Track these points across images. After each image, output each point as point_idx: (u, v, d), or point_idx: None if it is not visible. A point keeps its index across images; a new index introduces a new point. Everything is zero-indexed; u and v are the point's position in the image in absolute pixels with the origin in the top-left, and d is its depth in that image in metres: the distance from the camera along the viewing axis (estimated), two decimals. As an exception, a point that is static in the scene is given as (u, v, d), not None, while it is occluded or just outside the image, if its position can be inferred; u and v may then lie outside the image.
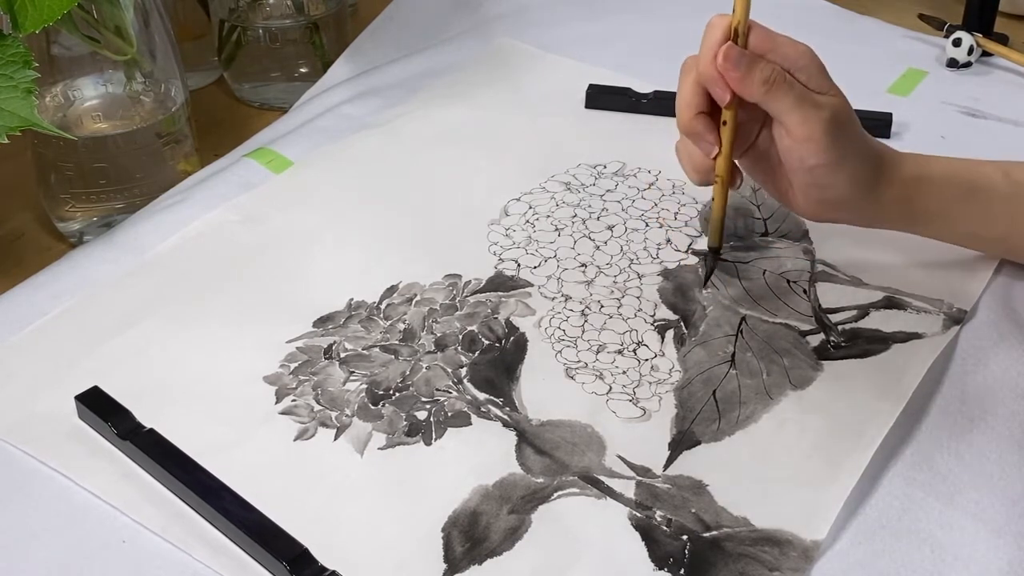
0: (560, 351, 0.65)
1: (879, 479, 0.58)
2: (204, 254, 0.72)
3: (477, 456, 0.59)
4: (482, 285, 0.69)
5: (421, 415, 0.61)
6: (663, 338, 0.66)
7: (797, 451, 0.59)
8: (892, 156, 0.64)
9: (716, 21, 0.60)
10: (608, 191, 0.78)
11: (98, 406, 0.60)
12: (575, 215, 0.76)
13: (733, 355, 0.65)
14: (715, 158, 0.62)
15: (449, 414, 0.61)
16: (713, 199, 0.64)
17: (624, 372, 0.64)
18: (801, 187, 0.63)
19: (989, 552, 0.54)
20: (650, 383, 0.63)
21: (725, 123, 0.61)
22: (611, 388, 0.63)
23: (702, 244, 0.73)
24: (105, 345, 0.65)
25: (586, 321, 0.67)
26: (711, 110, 0.61)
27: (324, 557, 0.53)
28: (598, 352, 0.65)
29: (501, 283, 0.70)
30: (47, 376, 0.63)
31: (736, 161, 0.64)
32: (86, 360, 0.64)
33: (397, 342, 0.65)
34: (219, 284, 0.70)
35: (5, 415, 0.61)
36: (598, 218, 0.75)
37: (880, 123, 0.83)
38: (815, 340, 0.66)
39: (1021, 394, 0.62)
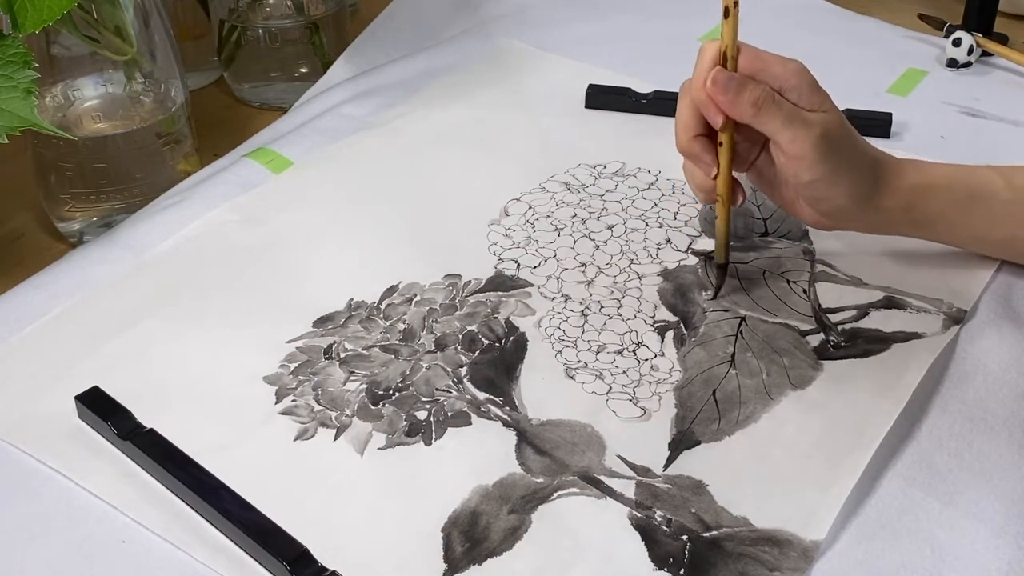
0: (560, 351, 0.65)
1: (879, 479, 0.58)
2: (204, 254, 0.72)
3: (477, 456, 0.58)
4: (482, 285, 0.69)
5: (421, 415, 0.61)
6: (663, 338, 0.66)
7: (797, 451, 0.59)
8: (892, 165, 0.65)
9: (707, 46, 0.61)
10: (608, 191, 0.78)
11: (98, 406, 0.60)
12: (575, 215, 0.76)
13: (733, 355, 0.65)
14: (715, 178, 0.63)
15: (449, 414, 0.61)
16: (717, 217, 0.65)
17: (624, 372, 0.64)
18: (803, 200, 0.64)
19: (989, 552, 0.54)
20: (650, 383, 0.63)
21: (721, 144, 0.62)
22: (611, 388, 0.63)
23: (702, 244, 0.73)
24: (105, 345, 0.65)
25: (586, 321, 0.67)
26: (708, 132, 0.63)
27: (324, 557, 0.53)
28: (598, 352, 0.65)
29: (501, 283, 0.70)
30: (47, 376, 0.63)
31: (744, 175, 0.65)
32: (86, 360, 0.64)
33: (397, 342, 0.65)
34: (219, 284, 0.70)
35: (5, 415, 0.61)
36: (598, 218, 0.75)
37: (880, 123, 0.83)
38: (815, 340, 0.66)
39: (1021, 394, 0.62)
